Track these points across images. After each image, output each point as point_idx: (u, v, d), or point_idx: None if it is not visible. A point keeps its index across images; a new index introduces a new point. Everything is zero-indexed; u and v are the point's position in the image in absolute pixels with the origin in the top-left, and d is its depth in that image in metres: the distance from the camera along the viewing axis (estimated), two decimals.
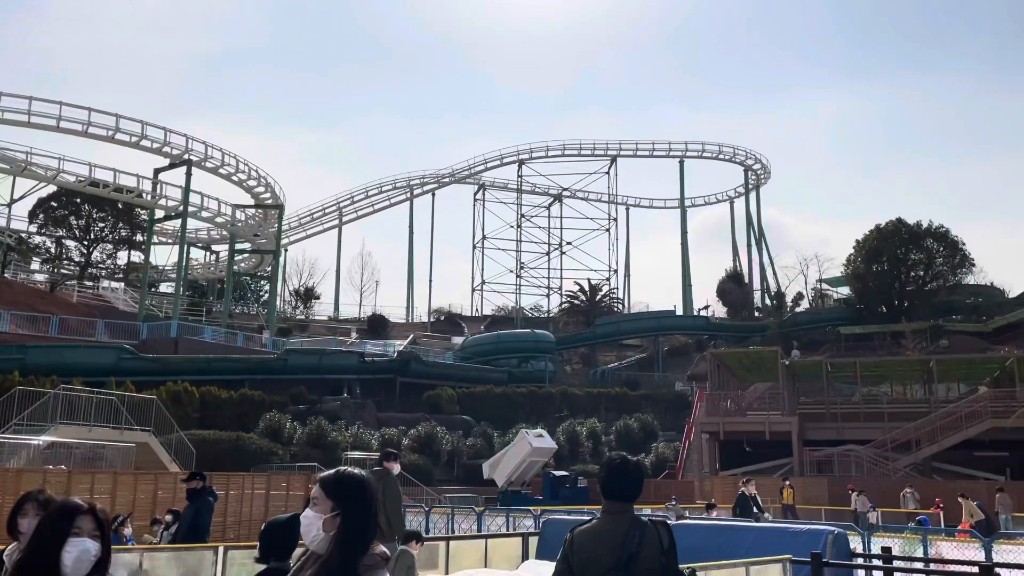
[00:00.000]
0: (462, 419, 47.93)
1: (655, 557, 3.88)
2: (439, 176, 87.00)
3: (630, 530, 3.91)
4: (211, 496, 12.65)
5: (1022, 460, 36.70)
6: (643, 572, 3.85)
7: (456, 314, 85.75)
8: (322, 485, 2.82)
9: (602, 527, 4.00)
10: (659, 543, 3.93)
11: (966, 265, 71.94)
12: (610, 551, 3.87)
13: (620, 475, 4.10)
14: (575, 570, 3.97)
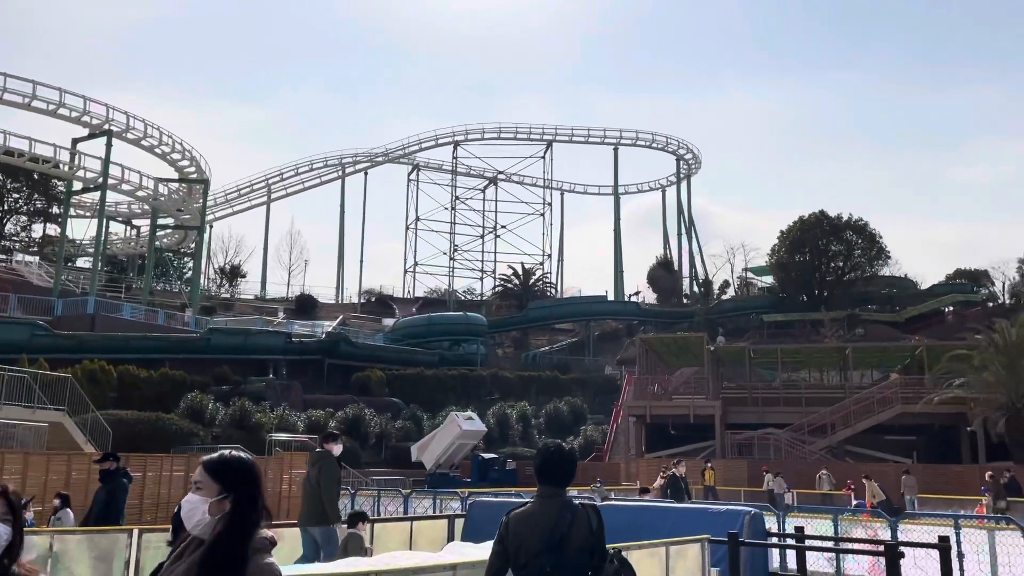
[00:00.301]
0: (391, 401, 47.65)
1: (585, 537, 4.07)
2: (372, 155, 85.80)
3: (562, 512, 4.09)
4: (125, 478, 12.30)
5: (928, 443, 38.52)
6: (573, 552, 4.03)
7: (387, 296, 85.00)
8: (207, 469, 2.76)
9: (536, 510, 4.18)
10: (589, 524, 4.11)
11: (882, 257, 74.87)
12: (542, 532, 4.05)
13: (554, 461, 4.28)
14: (510, 551, 4.13)
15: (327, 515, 9.00)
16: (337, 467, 9.39)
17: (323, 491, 8.96)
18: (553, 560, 4.00)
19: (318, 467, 9.20)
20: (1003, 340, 33.30)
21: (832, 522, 12.71)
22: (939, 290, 79.26)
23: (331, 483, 9.08)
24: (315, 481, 9.09)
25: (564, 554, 4.01)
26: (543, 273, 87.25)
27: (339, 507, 9.26)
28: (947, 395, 34.04)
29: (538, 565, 4.01)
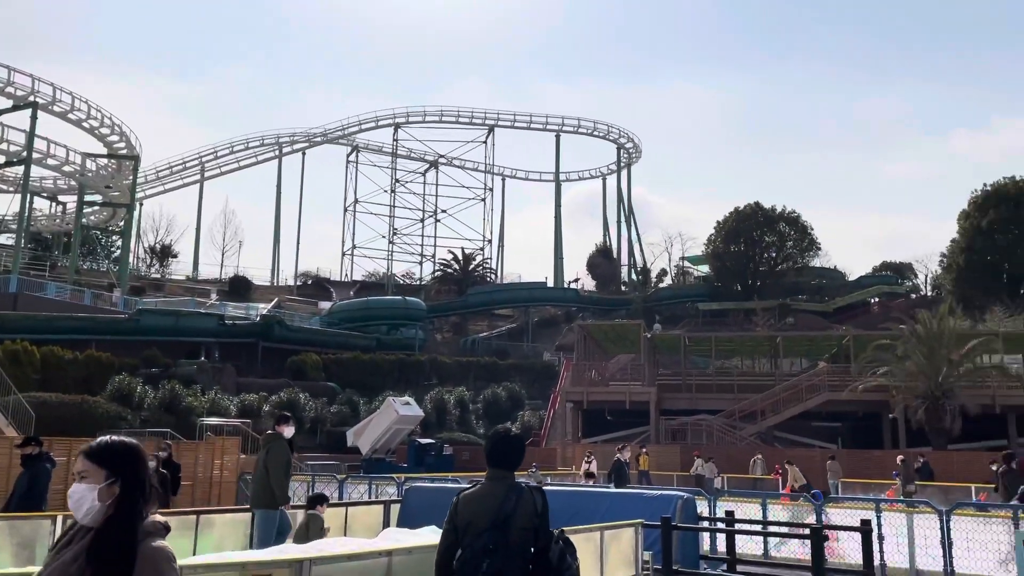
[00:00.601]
0: (327, 386, 47.08)
1: (529, 518, 4.31)
2: (310, 135, 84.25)
3: (508, 494, 4.34)
4: (48, 463, 11.91)
5: (852, 430, 39.89)
6: (517, 531, 4.27)
7: (324, 278, 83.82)
8: (90, 456, 2.74)
9: (484, 492, 4.43)
10: (534, 506, 4.36)
11: (813, 249, 77.07)
12: (489, 512, 4.29)
13: (503, 445, 4.56)
14: (459, 529, 4.37)
15: (274, 497, 8.93)
16: (287, 449, 9.31)
17: (270, 473, 8.91)
18: (498, 538, 4.21)
19: (267, 449, 9.17)
20: (924, 331, 34.61)
21: (761, 506, 13.05)
22: (866, 281, 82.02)
23: (278, 465, 9.02)
24: (263, 463, 9.08)
25: (508, 533, 4.23)
26: (483, 258, 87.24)
27: (287, 490, 9.19)
28: (871, 383, 35.25)
29: (482, 543, 4.22)
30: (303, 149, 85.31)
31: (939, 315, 35.84)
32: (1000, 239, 59.86)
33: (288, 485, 9.38)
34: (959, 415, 33.01)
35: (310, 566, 5.29)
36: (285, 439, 9.43)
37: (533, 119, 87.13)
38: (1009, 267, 60.06)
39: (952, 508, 10.99)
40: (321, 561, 5.47)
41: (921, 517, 11.31)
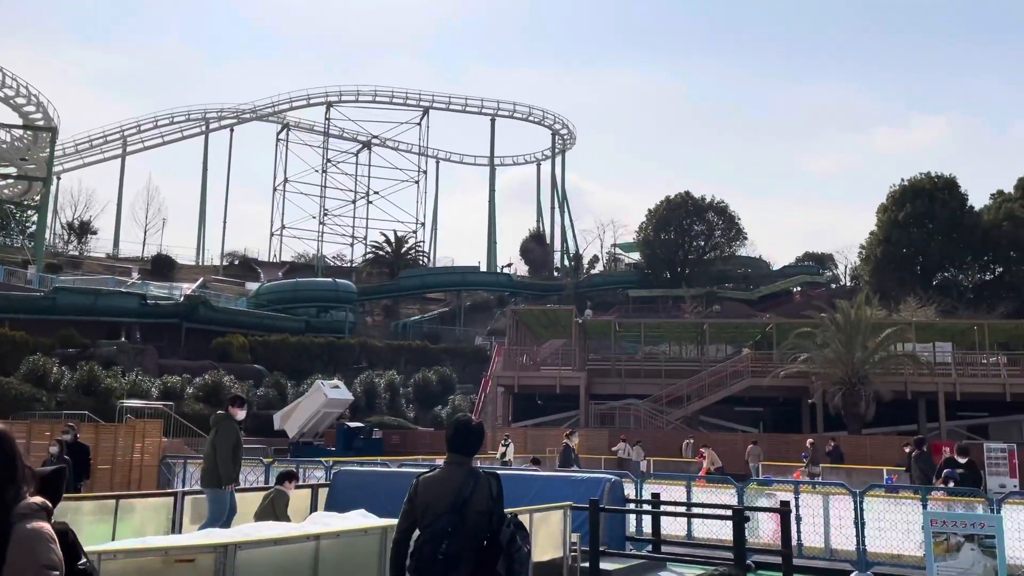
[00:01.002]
0: (254, 368, 46.16)
1: (485, 501, 4.50)
2: (239, 111, 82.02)
3: (466, 479, 4.53)
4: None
5: (774, 415, 41.20)
6: (473, 514, 4.45)
7: (252, 259, 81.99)
8: None
9: (443, 475, 4.61)
10: (489, 490, 4.55)
11: (740, 238, 79.03)
12: (447, 496, 4.48)
13: (463, 432, 4.72)
14: (418, 511, 4.54)
15: (218, 477, 8.96)
16: (236, 431, 9.29)
17: (217, 453, 8.96)
18: (455, 521, 4.39)
19: (216, 429, 9.19)
20: (843, 320, 35.91)
21: (686, 488, 13.37)
22: (789, 271, 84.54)
23: (225, 446, 9.03)
24: (212, 443, 9.13)
25: (465, 516, 4.41)
26: (416, 242, 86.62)
27: (234, 470, 9.16)
28: (792, 370, 36.43)
29: (440, 525, 4.39)
30: (231, 125, 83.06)
31: (856, 305, 37.20)
32: (915, 233, 62.41)
33: (236, 467, 9.32)
34: (873, 401, 34.43)
35: (235, 550, 5.18)
36: (235, 420, 9.41)
37: (469, 102, 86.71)
38: (923, 260, 62.72)
39: (865, 490, 11.45)
40: (247, 545, 5.37)
41: (836, 498, 11.77)
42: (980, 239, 61.54)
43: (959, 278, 64.01)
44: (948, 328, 43.06)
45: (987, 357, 41.45)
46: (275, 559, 5.56)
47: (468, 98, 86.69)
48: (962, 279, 64.05)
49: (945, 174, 64.73)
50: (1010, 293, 58.79)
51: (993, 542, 6.13)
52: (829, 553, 11.52)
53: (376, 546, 6.03)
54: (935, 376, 37.87)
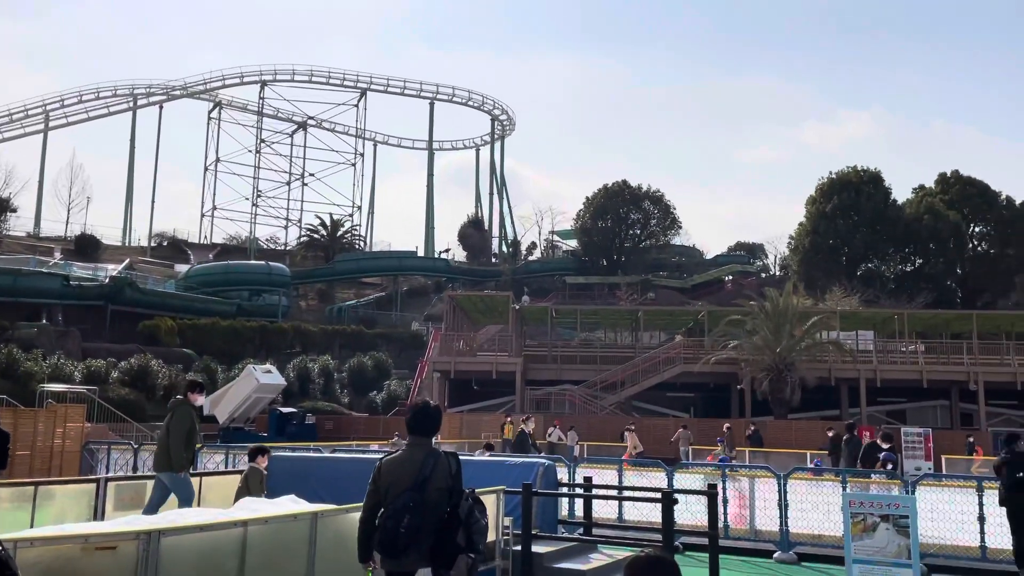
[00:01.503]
0: (183, 352, 45.04)
1: (444, 479, 4.87)
2: (168, 88, 79.46)
3: (426, 459, 4.88)
4: None
5: (705, 401, 42.14)
6: (434, 491, 4.81)
7: (181, 240, 79.82)
8: None
9: (405, 457, 4.96)
10: (448, 469, 4.92)
11: (675, 227, 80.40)
12: (409, 475, 4.82)
13: (422, 416, 5.08)
14: (381, 490, 4.88)
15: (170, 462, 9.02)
16: (191, 416, 9.35)
17: (170, 438, 9.03)
18: (416, 498, 4.73)
19: (171, 414, 9.29)
20: (771, 308, 36.88)
21: (617, 472, 13.59)
22: (721, 260, 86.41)
23: (179, 431, 9.10)
24: (166, 427, 9.22)
25: (425, 492, 4.77)
26: (352, 225, 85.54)
27: (185, 456, 9.18)
28: (722, 356, 37.29)
29: (402, 501, 4.73)
30: (160, 102, 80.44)
31: (784, 294, 38.26)
32: (841, 224, 64.40)
33: (189, 452, 9.33)
34: (799, 387, 35.52)
35: (159, 537, 5.06)
36: (191, 406, 9.48)
37: (407, 85, 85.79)
38: (848, 251, 64.79)
39: (789, 473, 11.82)
40: (171, 532, 5.24)
41: (760, 481, 12.12)
42: (902, 232, 63.87)
43: (882, 269, 66.35)
44: (870, 317, 44.65)
45: (906, 345, 43.16)
46: (200, 546, 5.44)
47: (407, 81, 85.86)
48: (884, 270, 66.42)
49: (871, 168, 66.93)
50: (929, 284, 61.23)
51: (907, 522, 6.39)
52: (754, 534, 11.87)
53: (306, 532, 5.96)
54: (857, 363, 39.23)
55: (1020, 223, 64.38)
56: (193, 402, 9.51)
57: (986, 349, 41.76)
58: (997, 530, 10.36)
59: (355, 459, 10.43)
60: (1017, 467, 9.98)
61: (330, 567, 6.06)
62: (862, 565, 6.32)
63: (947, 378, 39.34)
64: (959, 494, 11.67)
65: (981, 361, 39.78)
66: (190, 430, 9.28)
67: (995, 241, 65.72)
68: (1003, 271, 64.53)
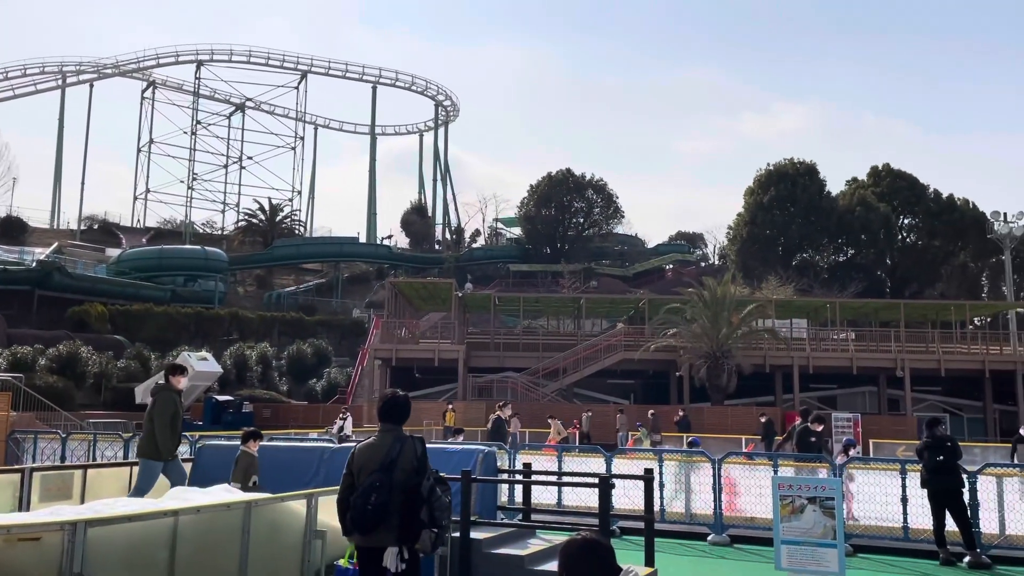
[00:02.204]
0: (114, 339, 43.77)
1: (411, 460, 5.29)
2: (100, 66, 76.77)
3: (393, 443, 5.33)
4: None
5: (645, 387, 42.80)
6: (401, 472, 5.25)
7: (113, 223, 77.44)
8: None
9: (376, 442, 5.42)
10: (414, 451, 5.34)
11: (618, 216, 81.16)
12: (377, 457, 5.29)
13: (391, 405, 5.51)
14: (354, 472, 5.34)
15: (157, 448, 8.90)
16: (174, 402, 9.24)
17: (155, 424, 8.94)
18: (383, 478, 5.17)
19: (153, 400, 9.21)
20: (710, 296, 37.60)
21: (557, 458, 13.72)
22: (662, 249, 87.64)
23: (163, 416, 9.00)
24: (149, 414, 9.13)
25: (392, 473, 5.21)
26: (292, 210, 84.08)
27: (172, 441, 9.07)
28: (662, 344, 37.90)
29: (370, 481, 5.18)
30: (91, 80, 77.70)
31: (723, 283, 39.03)
32: (777, 215, 65.92)
33: (175, 437, 9.19)
34: (735, 373, 36.35)
35: (84, 528, 4.91)
36: (173, 391, 9.35)
37: (349, 68, 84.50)
38: (784, 241, 66.38)
39: (723, 457, 12.10)
40: (97, 523, 5.09)
41: (697, 466, 12.38)
42: (835, 223, 65.70)
43: (816, 259, 68.18)
44: (804, 306, 45.89)
45: (837, 333, 44.53)
46: (129, 537, 5.30)
47: (349, 64, 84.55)
48: (818, 260, 68.26)
49: (806, 160, 68.61)
50: (860, 274, 63.16)
51: (833, 504, 6.60)
52: (689, 517, 12.12)
53: (239, 521, 5.86)
54: (791, 350, 40.31)
55: (946, 215, 66.84)
56: (175, 386, 9.40)
57: (912, 337, 43.35)
58: (919, 511, 10.79)
59: (291, 448, 10.30)
60: (938, 450, 10.40)
61: (264, 556, 5.98)
62: (790, 546, 6.51)
63: (875, 365, 40.72)
64: (884, 476, 12.11)
65: (908, 349, 41.27)
66: (174, 415, 9.18)
67: (923, 233, 68.09)
68: (930, 262, 66.98)
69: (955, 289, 64.73)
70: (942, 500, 10.26)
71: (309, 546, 6.22)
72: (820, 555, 6.46)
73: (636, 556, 8.91)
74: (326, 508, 6.29)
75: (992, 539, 10.49)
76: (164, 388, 9.38)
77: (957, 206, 67.76)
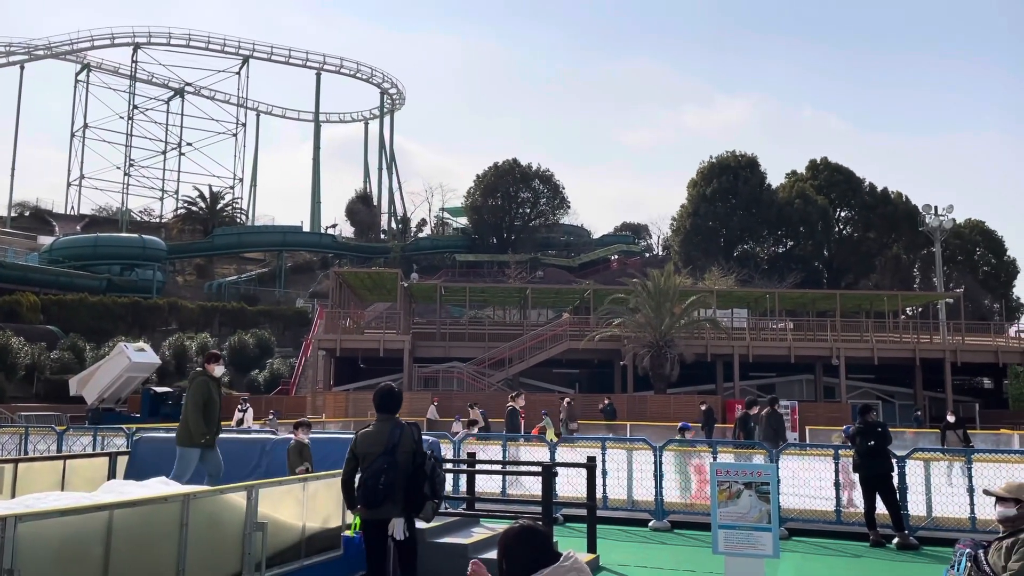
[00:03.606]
0: (47, 329, 42.44)
1: (409, 444, 6.07)
2: (31, 47, 73.96)
3: (393, 430, 6.10)
4: None
5: (590, 376, 43.23)
6: (402, 455, 5.99)
7: (45, 211, 74.91)
8: None
9: (376, 429, 6.18)
10: (412, 436, 6.12)
11: (564, 207, 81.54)
12: (380, 443, 6.03)
13: (387, 397, 6.31)
14: (359, 457, 6.09)
15: (189, 437, 8.84)
16: (208, 388, 9.07)
17: (189, 410, 8.91)
18: (389, 460, 5.94)
19: (188, 385, 9.26)
20: (653, 287, 38.11)
21: (502, 448, 13.79)
22: (608, 240, 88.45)
23: (195, 402, 8.92)
24: (184, 401, 9.17)
25: (395, 456, 5.97)
26: (233, 198, 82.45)
27: (205, 427, 8.91)
28: (606, 334, 38.31)
29: (378, 464, 5.93)
30: (21, 62, 74.80)
31: (666, 273, 39.60)
32: (720, 207, 67.08)
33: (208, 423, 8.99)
34: (678, 362, 36.96)
35: (15, 523, 4.77)
36: (208, 377, 9.20)
37: (292, 54, 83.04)
38: (726, 232, 67.61)
39: (664, 445, 12.32)
40: (28, 517, 4.95)
41: (639, 453, 12.58)
42: (775, 215, 67.15)
43: (756, 250, 69.59)
44: (744, 296, 46.86)
45: (776, 323, 45.59)
46: (63, 531, 5.17)
47: (292, 50, 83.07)
48: (759, 251, 69.69)
49: (748, 153, 69.88)
50: (798, 265, 64.72)
51: (768, 488, 6.78)
52: (631, 504, 12.31)
53: (177, 515, 5.75)
54: (732, 340, 41.15)
55: (881, 209, 68.85)
56: (211, 373, 9.27)
57: (847, 327, 44.65)
58: (851, 495, 11.16)
59: (232, 440, 10.14)
60: (869, 436, 10.76)
61: (204, 550, 5.89)
62: (727, 530, 6.68)
63: (812, 354, 41.84)
64: (819, 462, 12.49)
65: (843, 338, 42.49)
66: (208, 400, 9.03)
67: (858, 225, 70.02)
68: (865, 253, 68.97)
69: (888, 280, 66.83)
70: (873, 484, 10.63)
71: (250, 538, 6.14)
72: (756, 539, 6.64)
73: (579, 543, 9.04)
74: (267, 500, 6.23)
75: (920, 521, 10.91)
76: (199, 374, 9.29)
77: (891, 199, 69.85)
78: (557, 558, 3.04)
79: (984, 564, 4.34)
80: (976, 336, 45.15)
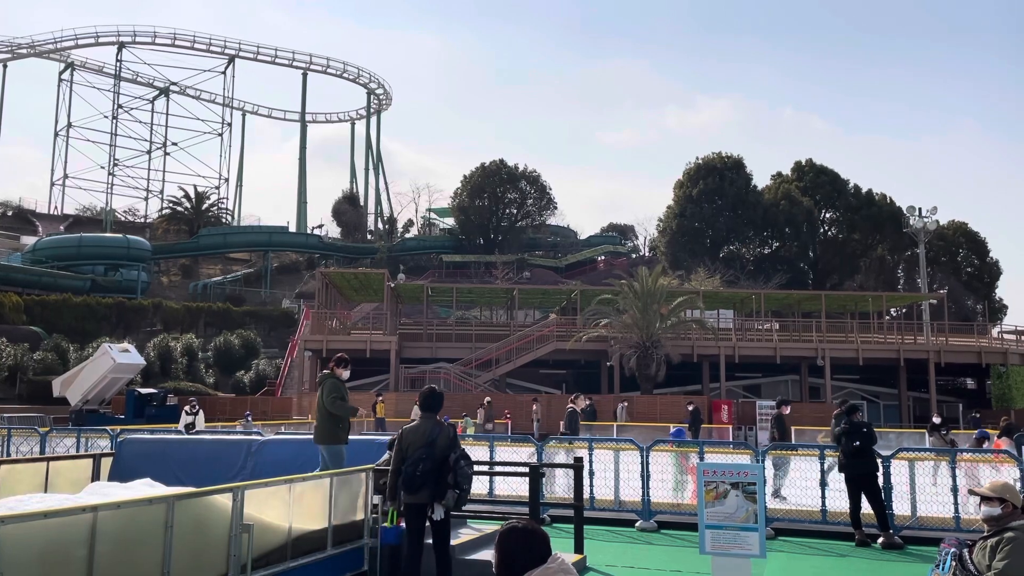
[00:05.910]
0: (30, 330, 42.05)
1: (446, 439, 7.04)
2: (13, 45, 73.28)
3: (432, 427, 7.09)
4: None
5: (577, 377, 43.24)
6: (439, 449, 6.95)
7: (28, 210, 74.27)
8: None
9: (419, 426, 7.14)
10: (448, 434, 7.08)
11: (551, 208, 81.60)
12: (423, 438, 7.01)
13: (429, 398, 7.34)
14: (403, 449, 7.04)
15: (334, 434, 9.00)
16: (338, 388, 9.32)
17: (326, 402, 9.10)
18: (428, 453, 6.92)
19: (320, 387, 9.44)
20: (640, 287, 38.19)
21: (489, 448, 13.77)
22: (594, 241, 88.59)
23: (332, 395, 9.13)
24: (320, 401, 9.31)
25: (434, 449, 6.93)
26: (219, 198, 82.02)
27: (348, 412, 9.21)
28: (593, 334, 38.35)
29: (419, 455, 6.91)
30: (4, 61, 74.22)
31: (652, 274, 39.70)
32: (706, 208, 67.35)
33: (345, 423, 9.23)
34: (664, 363, 37.05)
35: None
36: (338, 380, 9.44)
37: (279, 54, 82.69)
38: (712, 233, 67.88)
39: (651, 445, 12.33)
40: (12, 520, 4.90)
41: (625, 453, 12.58)
42: (761, 216, 67.48)
43: (742, 251, 69.92)
44: (731, 297, 47.05)
45: (762, 323, 45.80)
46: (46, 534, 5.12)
47: (278, 49, 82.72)
48: (744, 252, 70.01)
49: (733, 154, 70.18)
50: (784, 266, 65.07)
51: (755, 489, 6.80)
52: (618, 504, 12.32)
53: (162, 516, 5.70)
54: (718, 341, 41.30)
55: (866, 210, 69.31)
56: (340, 376, 9.46)
57: (832, 327, 44.91)
58: (836, 494, 11.21)
59: (216, 440, 10.07)
60: (854, 436, 10.82)
61: (189, 552, 5.85)
62: (714, 530, 6.69)
63: (798, 354, 42.05)
64: (804, 462, 12.54)
65: (828, 338, 42.73)
66: (344, 396, 9.28)
67: (843, 226, 70.46)
68: (849, 254, 69.42)
69: (873, 281, 67.28)
70: (858, 483, 10.68)
71: (236, 540, 6.10)
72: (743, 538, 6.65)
73: (565, 543, 9.03)
74: (253, 501, 6.19)
75: (904, 520, 10.98)
76: (329, 375, 9.46)
77: (876, 201, 70.32)
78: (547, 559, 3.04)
79: (969, 563, 4.38)
80: (960, 337, 45.53)
